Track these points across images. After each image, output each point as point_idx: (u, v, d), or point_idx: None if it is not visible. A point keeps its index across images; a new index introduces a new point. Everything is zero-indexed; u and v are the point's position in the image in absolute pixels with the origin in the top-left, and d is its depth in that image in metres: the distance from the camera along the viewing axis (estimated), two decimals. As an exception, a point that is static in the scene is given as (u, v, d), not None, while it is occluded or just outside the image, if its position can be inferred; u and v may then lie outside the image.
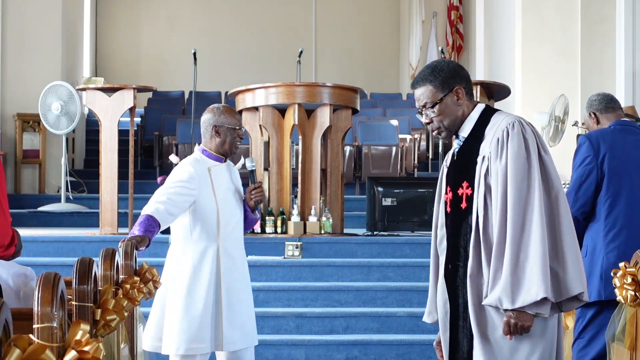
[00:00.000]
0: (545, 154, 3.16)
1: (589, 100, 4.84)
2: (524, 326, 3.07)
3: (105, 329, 3.28)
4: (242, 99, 8.42)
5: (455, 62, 3.35)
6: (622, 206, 4.51)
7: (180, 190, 4.58)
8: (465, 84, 3.27)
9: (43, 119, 9.88)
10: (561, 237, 3.09)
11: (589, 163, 4.55)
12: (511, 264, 3.05)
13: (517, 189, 3.09)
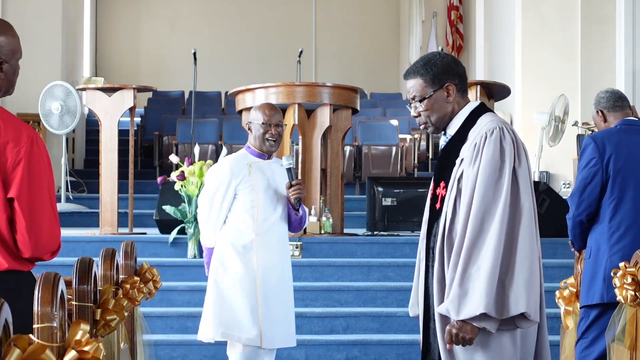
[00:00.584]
0: (519, 166, 3.03)
1: (597, 97, 4.80)
2: (465, 338, 2.96)
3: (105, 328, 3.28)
4: (242, 99, 8.42)
5: (451, 56, 3.26)
6: (626, 208, 4.49)
7: (217, 204, 4.71)
8: (458, 81, 3.18)
9: (43, 119, 9.88)
10: (516, 253, 2.96)
11: (594, 165, 4.53)
12: (461, 274, 2.96)
13: (482, 199, 2.99)
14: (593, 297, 4.48)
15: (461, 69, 3.22)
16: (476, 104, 3.23)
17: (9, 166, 2.99)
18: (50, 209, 3.06)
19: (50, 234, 3.04)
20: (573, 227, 4.63)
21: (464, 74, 3.23)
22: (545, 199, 7.85)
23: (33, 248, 3.02)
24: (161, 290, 6.24)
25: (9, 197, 2.99)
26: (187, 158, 7.57)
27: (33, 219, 3.00)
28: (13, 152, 2.99)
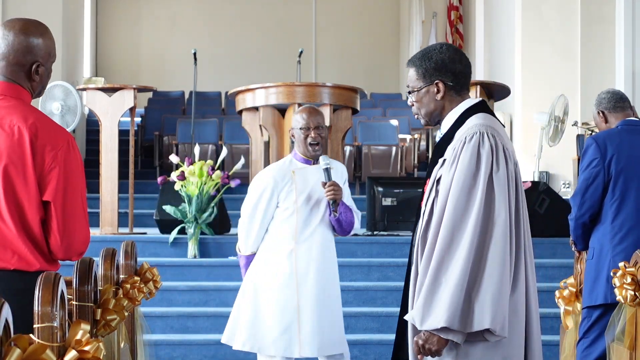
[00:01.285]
0: (496, 174, 2.92)
1: (598, 97, 4.80)
2: (431, 349, 2.89)
3: (105, 328, 3.28)
4: (242, 99, 8.42)
5: (452, 52, 3.15)
6: (629, 209, 4.49)
7: (260, 214, 4.67)
8: (451, 79, 3.11)
9: (43, 119, 9.88)
10: (485, 266, 2.87)
11: (596, 165, 4.53)
12: (429, 284, 2.89)
13: (454, 208, 2.91)
14: (597, 297, 4.48)
15: (458, 67, 3.13)
16: (472, 102, 3.16)
17: (46, 169, 3.02)
18: (82, 213, 3.10)
19: (81, 237, 3.09)
20: (575, 228, 4.63)
21: (462, 72, 3.15)
22: (545, 199, 7.85)
23: (65, 250, 3.07)
24: (161, 290, 6.24)
25: (44, 199, 3.02)
26: (187, 158, 7.57)
27: (66, 222, 3.04)
28: (50, 155, 3.02)
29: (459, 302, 2.85)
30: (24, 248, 3.01)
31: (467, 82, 3.19)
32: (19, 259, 3.01)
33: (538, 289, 7.64)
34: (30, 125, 3.02)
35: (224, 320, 6.86)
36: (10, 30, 3.10)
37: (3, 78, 3.11)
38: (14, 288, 2.98)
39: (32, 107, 3.11)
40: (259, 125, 8.41)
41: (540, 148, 10.45)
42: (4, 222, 3.01)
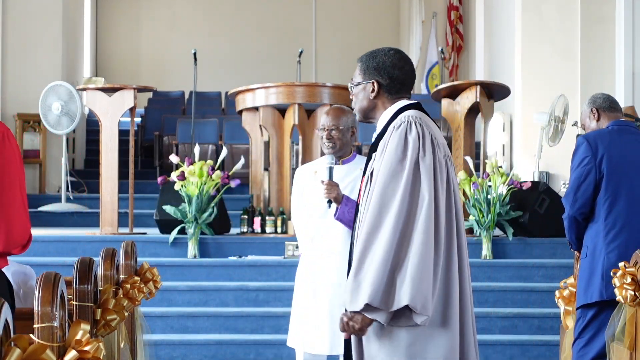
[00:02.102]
0: (422, 159, 3.01)
1: (592, 97, 4.83)
2: (355, 327, 2.96)
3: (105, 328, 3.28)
4: (242, 99, 8.42)
5: (397, 58, 3.26)
6: (621, 206, 4.52)
7: (296, 212, 4.78)
8: (388, 82, 3.23)
9: (43, 119, 9.88)
10: (409, 246, 2.94)
11: (587, 164, 4.56)
12: (356, 267, 2.97)
13: (380, 192, 3.00)
14: (592, 295, 4.49)
15: (396, 73, 3.23)
16: (407, 103, 3.25)
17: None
18: (21, 205, 3.06)
19: (19, 228, 3.05)
20: (569, 226, 4.66)
21: (398, 78, 3.24)
22: (545, 199, 7.86)
23: (4, 242, 3.02)
24: (161, 290, 6.24)
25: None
26: (187, 158, 7.57)
27: (3, 212, 3.01)
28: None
29: (382, 281, 2.92)
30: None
31: (404, 89, 3.28)
32: None
33: (538, 289, 7.64)
34: None
35: (224, 320, 6.88)
36: None
37: None
38: None
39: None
40: (259, 125, 8.41)
41: (540, 148, 10.45)
42: None
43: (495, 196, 7.54)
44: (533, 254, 7.65)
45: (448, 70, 16.32)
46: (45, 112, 9.84)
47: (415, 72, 3.34)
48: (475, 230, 7.60)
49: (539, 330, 6.86)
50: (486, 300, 7.11)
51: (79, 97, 9.86)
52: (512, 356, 6.67)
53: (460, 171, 7.70)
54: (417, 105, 3.26)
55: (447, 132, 13.14)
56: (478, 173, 8.04)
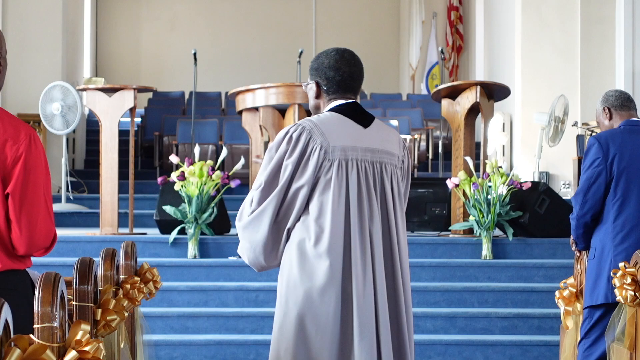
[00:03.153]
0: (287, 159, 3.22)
1: (605, 94, 4.79)
2: None
3: (105, 329, 3.28)
4: (243, 99, 8.42)
5: (334, 59, 3.35)
6: (631, 208, 4.49)
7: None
8: (325, 83, 3.36)
9: (43, 119, 9.88)
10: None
11: (598, 165, 4.53)
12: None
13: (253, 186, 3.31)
14: (597, 297, 4.48)
15: (330, 74, 3.34)
16: (338, 103, 3.36)
17: (9, 164, 3.02)
18: (45, 206, 3.08)
19: (43, 231, 3.09)
20: (577, 227, 4.63)
21: (333, 79, 3.34)
22: (545, 199, 7.86)
23: (27, 244, 3.06)
24: (161, 290, 6.25)
25: (5, 192, 3.02)
26: (188, 158, 7.57)
27: (26, 215, 3.03)
28: (12, 150, 3.02)
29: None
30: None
31: (342, 90, 3.38)
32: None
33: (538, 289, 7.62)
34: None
35: (224, 321, 6.88)
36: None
37: None
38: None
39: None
40: (259, 126, 8.41)
41: (540, 148, 10.45)
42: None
43: (495, 196, 7.54)
44: (533, 254, 7.65)
45: (448, 70, 16.33)
46: (45, 112, 9.84)
47: (359, 72, 3.39)
48: (475, 231, 7.60)
49: (539, 331, 6.86)
50: (486, 300, 7.11)
51: (79, 97, 9.86)
52: (512, 356, 6.67)
53: (461, 171, 7.70)
54: (350, 105, 3.35)
55: (447, 132, 13.15)
56: (478, 173, 8.04)
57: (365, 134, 3.32)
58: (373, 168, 3.31)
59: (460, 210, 7.92)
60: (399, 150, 3.43)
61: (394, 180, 3.37)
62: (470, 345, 6.68)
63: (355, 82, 3.38)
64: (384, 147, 3.35)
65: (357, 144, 3.29)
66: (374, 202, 3.27)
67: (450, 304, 7.06)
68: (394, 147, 3.40)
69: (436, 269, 7.36)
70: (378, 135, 3.35)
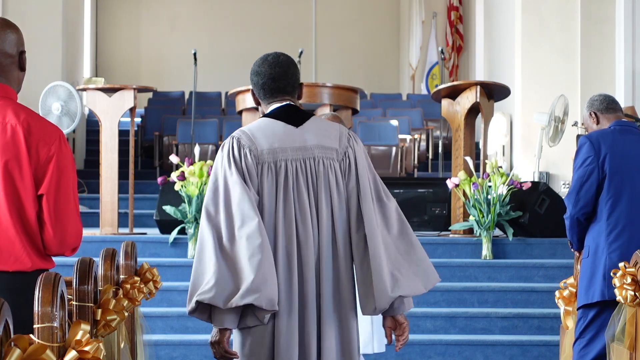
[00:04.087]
0: (229, 171, 3.26)
1: (590, 100, 4.85)
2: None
3: (105, 329, 3.28)
4: (242, 99, 8.43)
5: (258, 64, 3.40)
6: (623, 206, 4.51)
7: None
8: (255, 89, 3.43)
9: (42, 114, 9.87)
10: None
11: (590, 164, 4.55)
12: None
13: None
14: (593, 295, 4.48)
15: (254, 79, 3.39)
16: (272, 108, 3.41)
17: (41, 164, 3.06)
18: (74, 207, 3.15)
19: (74, 231, 3.15)
20: (571, 226, 4.65)
21: (259, 83, 3.39)
22: (545, 199, 7.86)
23: (58, 244, 3.12)
24: (161, 290, 6.24)
25: (39, 193, 3.06)
26: (188, 158, 7.57)
27: (59, 215, 3.08)
28: (44, 150, 3.07)
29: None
30: (21, 248, 3.04)
31: (269, 92, 3.41)
32: (16, 260, 3.04)
33: (538, 289, 7.63)
34: (22, 122, 3.06)
35: (224, 321, 6.88)
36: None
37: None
38: (11, 288, 3.00)
39: (21, 104, 3.15)
40: (259, 126, 8.40)
41: (540, 148, 10.45)
42: (5, 222, 3.02)
43: (495, 196, 7.54)
44: (533, 254, 7.65)
45: (448, 70, 16.33)
46: (45, 112, 9.83)
47: (283, 72, 3.39)
48: (475, 231, 7.60)
49: (539, 331, 6.87)
50: (486, 300, 7.11)
51: (79, 97, 9.86)
52: (512, 356, 6.67)
53: (461, 171, 7.70)
54: (283, 107, 3.38)
55: (447, 132, 13.15)
56: (478, 173, 8.04)
57: (296, 133, 3.34)
58: (305, 165, 3.31)
59: (460, 210, 7.92)
60: (338, 144, 3.37)
61: (330, 174, 3.33)
62: (470, 345, 6.68)
63: (279, 83, 3.38)
64: (319, 142, 3.33)
65: (286, 145, 3.31)
66: (305, 200, 3.29)
67: (450, 304, 7.06)
68: (332, 142, 3.36)
69: (436, 269, 7.31)
70: (312, 132, 3.35)
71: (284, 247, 3.25)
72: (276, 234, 3.25)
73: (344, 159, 3.36)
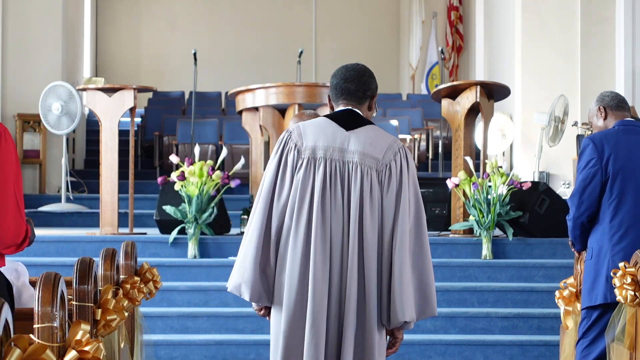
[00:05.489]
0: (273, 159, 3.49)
1: (600, 95, 4.80)
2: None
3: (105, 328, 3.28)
4: (242, 99, 8.42)
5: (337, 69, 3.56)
6: (627, 208, 4.49)
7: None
8: (330, 91, 3.58)
9: (43, 119, 9.88)
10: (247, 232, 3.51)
11: (594, 165, 4.53)
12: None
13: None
14: (596, 297, 4.48)
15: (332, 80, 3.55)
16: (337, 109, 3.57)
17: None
18: (14, 205, 3.06)
19: (11, 228, 3.05)
20: (573, 228, 4.63)
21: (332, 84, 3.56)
22: (545, 199, 7.86)
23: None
24: (161, 290, 6.22)
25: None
26: (188, 158, 7.57)
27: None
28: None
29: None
30: None
31: (338, 93, 3.55)
32: None
33: (538, 289, 7.61)
34: None
35: (224, 321, 6.88)
36: None
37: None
38: None
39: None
40: (259, 126, 8.41)
41: (540, 148, 10.45)
42: None
43: (495, 196, 7.54)
44: (533, 254, 7.65)
45: (448, 70, 16.33)
46: (45, 112, 9.84)
47: (356, 75, 3.52)
48: (475, 231, 7.60)
49: (539, 331, 6.87)
50: (486, 300, 7.11)
51: (79, 97, 9.86)
52: (512, 356, 6.67)
53: (461, 171, 7.70)
54: (343, 111, 3.51)
55: (447, 132, 13.15)
56: (478, 173, 8.04)
57: (345, 135, 3.45)
58: (343, 167, 3.42)
59: (460, 210, 7.92)
60: (382, 155, 3.44)
61: (365, 180, 3.41)
62: (470, 345, 6.68)
63: (350, 84, 3.49)
64: (363, 149, 3.43)
65: (330, 144, 3.43)
66: (339, 197, 3.39)
67: (450, 304, 7.06)
68: (376, 152, 3.44)
69: (436, 269, 7.28)
70: (359, 138, 3.45)
71: (321, 237, 3.36)
72: (312, 224, 3.37)
73: (385, 170, 3.43)
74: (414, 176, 3.46)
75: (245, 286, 3.40)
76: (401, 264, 3.35)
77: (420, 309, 3.42)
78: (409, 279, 3.37)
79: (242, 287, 3.40)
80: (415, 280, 3.41)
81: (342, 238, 3.37)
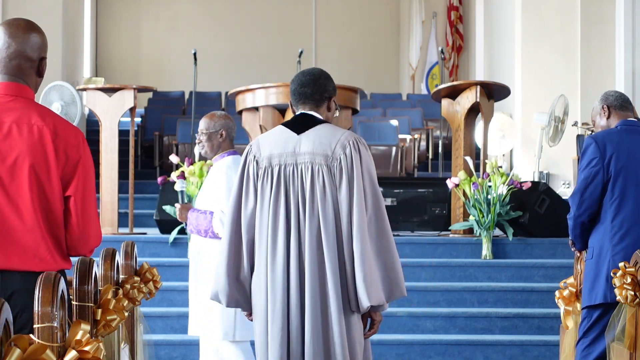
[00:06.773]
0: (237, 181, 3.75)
1: (605, 94, 4.79)
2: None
3: (105, 328, 3.28)
4: (242, 99, 8.42)
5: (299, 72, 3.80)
6: (628, 208, 4.48)
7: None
8: (291, 97, 3.95)
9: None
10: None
11: (595, 165, 4.52)
12: None
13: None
14: (596, 297, 4.48)
15: (291, 85, 3.90)
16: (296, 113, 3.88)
17: (70, 165, 3.09)
18: (95, 209, 3.20)
19: (96, 232, 3.19)
20: (574, 227, 4.63)
21: (291, 90, 3.94)
22: (545, 199, 7.86)
23: (83, 245, 3.15)
24: (161, 290, 6.23)
25: (66, 195, 3.10)
26: (188, 158, 7.57)
27: (84, 216, 3.12)
28: (73, 152, 3.10)
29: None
30: (45, 249, 3.06)
31: (295, 98, 3.88)
32: (41, 261, 3.06)
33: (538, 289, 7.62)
34: (48, 124, 3.11)
35: (224, 321, 6.88)
36: (17, 29, 3.17)
37: (11, 78, 3.18)
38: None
39: (43, 105, 3.21)
40: (259, 126, 8.40)
41: (540, 148, 10.45)
42: (31, 223, 3.03)
43: (495, 196, 7.54)
44: (533, 254, 7.65)
45: (448, 70, 16.33)
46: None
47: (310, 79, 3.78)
48: (475, 231, 7.60)
49: (539, 331, 6.87)
50: (486, 300, 7.11)
51: (79, 97, 9.86)
52: (512, 356, 6.67)
53: (461, 171, 7.70)
54: (296, 116, 3.80)
55: (447, 132, 13.15)
56: (478, 173, 8.04)
57: (296, 139, 3.64)
58: (296, 170, 3.59)
59: (460, 210, 7.92)
60: (333, 151, 3.58)
61: (317, 178, 3.57)
62: (470, 345, 6.68)
63: (305, 88, 3.76)
64: (313, 149, 3.59)
65: (283, 151, 3.63)
66: (293, 198, 3.58)
67: (450, 303, 7.06)
68: (327, 148, 3.59)
69: (436, 269, 7.35)
70: (310, 139, 3.63)
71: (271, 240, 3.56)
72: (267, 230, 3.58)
73: (336, 164, 3.56)
74: (367, 166, 3.58)
75: (221, 294, 3.63)
76: (362, 251, 3.48)
77: (388, 291, 3.54)
78: (372, 264, 3.49)
79: (219, 295, 3.64)
80: (381, 265, 3.53)
81: (298, 237, 3.54)
